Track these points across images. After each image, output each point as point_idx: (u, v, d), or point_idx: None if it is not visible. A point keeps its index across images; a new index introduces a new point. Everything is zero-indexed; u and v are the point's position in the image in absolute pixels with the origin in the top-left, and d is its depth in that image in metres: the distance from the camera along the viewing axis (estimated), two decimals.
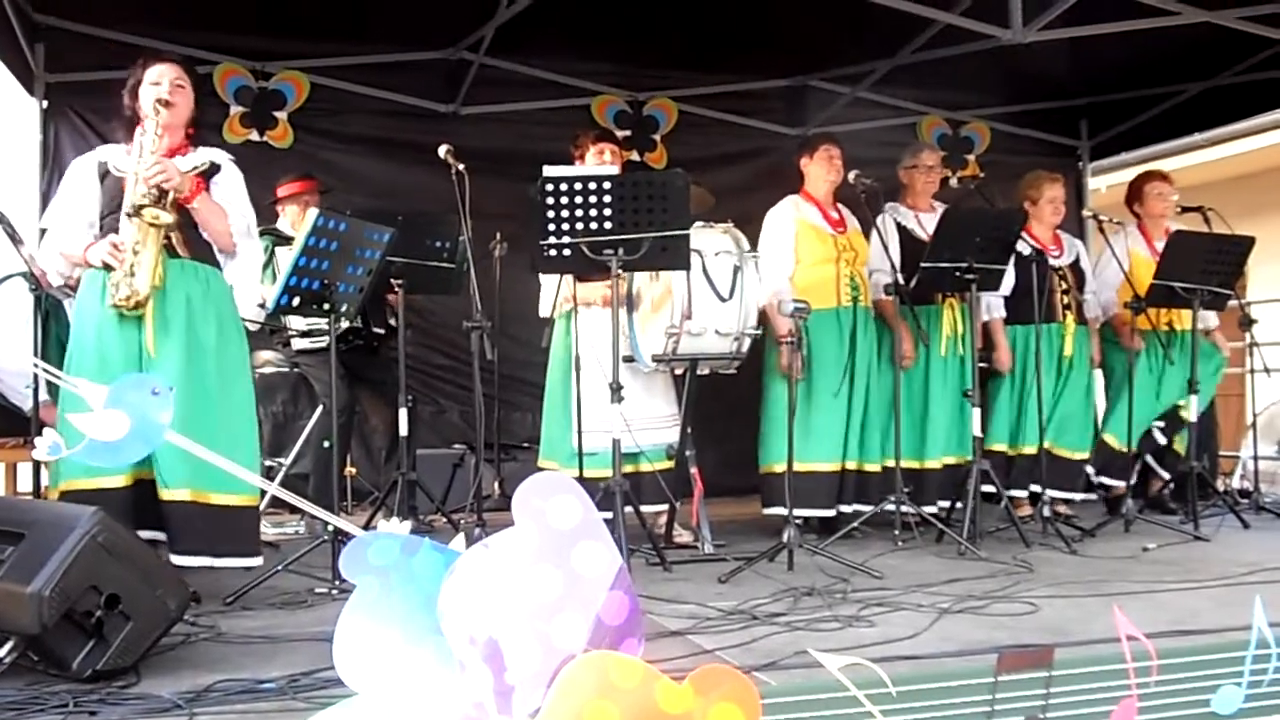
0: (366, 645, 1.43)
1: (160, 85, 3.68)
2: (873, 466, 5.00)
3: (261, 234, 5.23)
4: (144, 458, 3.36)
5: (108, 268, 3.53)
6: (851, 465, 4.97)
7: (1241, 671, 1.91)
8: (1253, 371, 6.02)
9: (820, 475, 4.89)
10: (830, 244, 5.01)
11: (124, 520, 3.12)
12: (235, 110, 6.27)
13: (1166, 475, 5.72)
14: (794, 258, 4.99)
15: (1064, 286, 5.42)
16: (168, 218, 3.52)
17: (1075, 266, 5.55)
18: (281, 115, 6.38)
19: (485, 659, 1.38)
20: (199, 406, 3.49)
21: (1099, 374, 5.76)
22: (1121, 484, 5.40)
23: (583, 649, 1.36)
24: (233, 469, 1.82)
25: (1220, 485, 5.77)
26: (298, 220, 5.27)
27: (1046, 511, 4.92)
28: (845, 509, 4.92)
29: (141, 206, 3.49)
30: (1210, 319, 5.68)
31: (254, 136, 6.31)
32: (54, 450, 1.74)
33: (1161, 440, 5.72)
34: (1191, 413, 5.25)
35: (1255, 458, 6.07)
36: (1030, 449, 5.27)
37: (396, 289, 4.67)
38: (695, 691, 1.33)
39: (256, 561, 3.68)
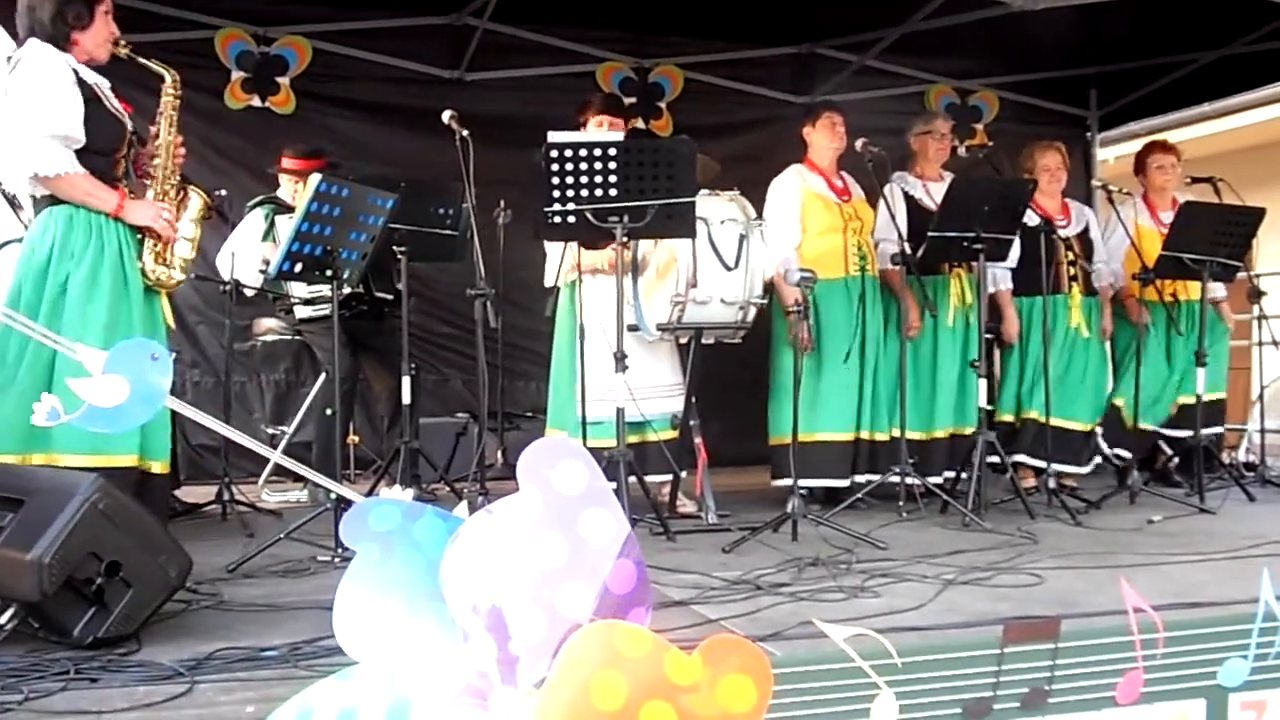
0: (367, 613, 1.40)
1: (109, 15, 3.42)
2: (881, 436, 4.99)
3: (262, 202, 5.25)
4: (123, 440, 3.30)
5: (139, 234, 3.43)
6: (864, 436, 4.95)
7: (1248, 644, 1.89)
8: (1260, 344, 5.98)
9: (833, 445, 4.87)
10: (836, 213, 4.98)
11: None
12: (237, 76, 6.20)
13: (1170, 451, 5.69)
14: (800, 228, 4.95)
15: (1070, 257, 5.37)
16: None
17: (1083, 236, 5.48)
18: (284, 81, 6.32)
19: (489, 628, 1.36)
20: None
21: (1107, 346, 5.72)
22: (1130, 456, 5.38)
23: (589, 618, 1.34)
24: (245, 440, 1.82)
25: (1226, 458, 5.73)
26: (296, 190, 5.24)
27: (1051, 483, 4.90)
28: (859, 479, 4.90)
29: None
30: (1218, 289, 5.64)
31: (256, 102, 6.25)
32: (52, 415, 1.72)
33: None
34: (1199, 385, 5.21)
35: (1262, 431, 6.05)
36: (1033, 414, 5.22)
37: (400, 255, 4.62)
38: (705, 662, 1.30)
39: None
